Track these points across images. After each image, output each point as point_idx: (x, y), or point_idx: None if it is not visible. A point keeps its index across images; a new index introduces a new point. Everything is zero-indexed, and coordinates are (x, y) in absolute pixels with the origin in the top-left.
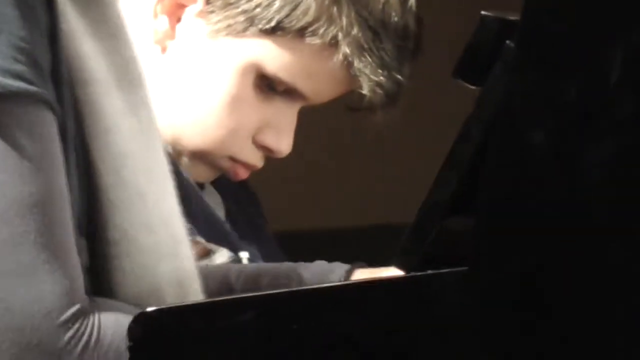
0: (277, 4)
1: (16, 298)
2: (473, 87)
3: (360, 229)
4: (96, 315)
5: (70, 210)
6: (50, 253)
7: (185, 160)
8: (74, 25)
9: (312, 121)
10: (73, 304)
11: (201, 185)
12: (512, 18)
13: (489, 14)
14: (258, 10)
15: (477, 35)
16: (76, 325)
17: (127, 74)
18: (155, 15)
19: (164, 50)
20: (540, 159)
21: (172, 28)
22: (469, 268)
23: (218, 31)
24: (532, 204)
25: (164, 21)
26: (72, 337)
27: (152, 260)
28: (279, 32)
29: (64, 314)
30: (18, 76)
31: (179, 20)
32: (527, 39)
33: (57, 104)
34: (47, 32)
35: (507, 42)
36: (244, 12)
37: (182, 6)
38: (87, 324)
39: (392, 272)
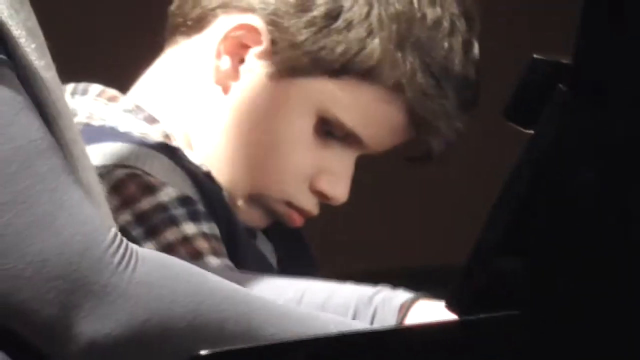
0: (342, 47)
1: (51, 243)
2: (523, 130)
3: (412, 270)
4: (131, 244)
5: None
6: (73, 189)
7: (240, 203)
8: None
9: (361, 160)
10: (110, 228)
11: (253, 233)
12: (563, 61)
13: (540, 56)
14: (323, 52)
15: (528, 78)
16: (121, 248)
17: (38, 36)
18: (218, 55)
19: (225, 90)
20: (591, 199)
21: (235, 68)
22: (522, 310)
23: (281, 72)
24: (584, 244)
25: (226, 61)
26: (120, 261)
27: (107, 211)
28: (342, 76)
29: (106, 238)
30: None
31: (242, 60)
32: (579, 82)
33: (10, 61)
34: None
35: (559, 85)
36: (309, 53)
37: (246, 47)
38: (129, 247)
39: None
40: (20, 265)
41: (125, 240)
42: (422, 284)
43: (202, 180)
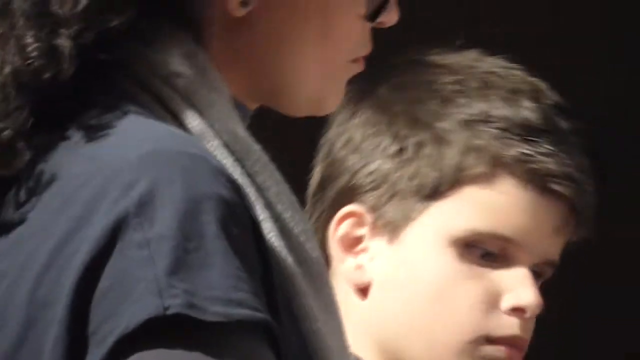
0: (426, 165)
1: None
2: None
3: None
4: None
5: None
6: None
7: None
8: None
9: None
10: None
11: None
12: None
13: None
14: (416, 181)
15: None
16: None
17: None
18: (342, 260)
19: (365, 291)
20: None
21: (360, 261)
22: None
23: (398, 229)
24: None
25: (350, 261)
26: None
27: None
28: (445, 190)
29: None
30: (240, 304)
31: (363, 250)
32: None
33: (278, 329)
34: (262, 272)
35: None
36: (405, 192)
37: (358, 238)
38: None
39: None
40: None
41: None
42: None
43: None
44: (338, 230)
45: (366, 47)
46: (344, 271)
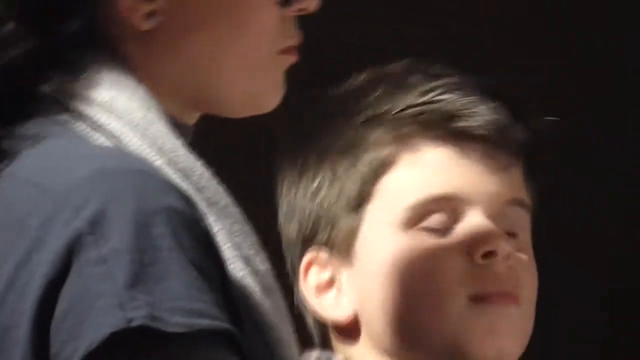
0: (344, 186)
1: None
2: None
3: None
4: None
5: None
6: None
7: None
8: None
9: None
10: None
11: None
12: None
13: None
14: (339, 203)
15: None
16: None
17: (264, 279)
18: (318, 293)
19: (351, 317)
20: None
21: (336, 296)
22: None
23: (348, 249)
24: None
25: (326, 298)
26: None
27: None
28: (366, 191)
29: None
30: (201, 314)
31: (339, 290)
32: None
33: (241, 338)
34: (219, 281)
35: None
36: (335, 218)
37: (329, 282)
38: None
39: None
40: None
41: None
42: None
43: None
44: (307, 281)
45: (291, 35)
46: (327, 316)
